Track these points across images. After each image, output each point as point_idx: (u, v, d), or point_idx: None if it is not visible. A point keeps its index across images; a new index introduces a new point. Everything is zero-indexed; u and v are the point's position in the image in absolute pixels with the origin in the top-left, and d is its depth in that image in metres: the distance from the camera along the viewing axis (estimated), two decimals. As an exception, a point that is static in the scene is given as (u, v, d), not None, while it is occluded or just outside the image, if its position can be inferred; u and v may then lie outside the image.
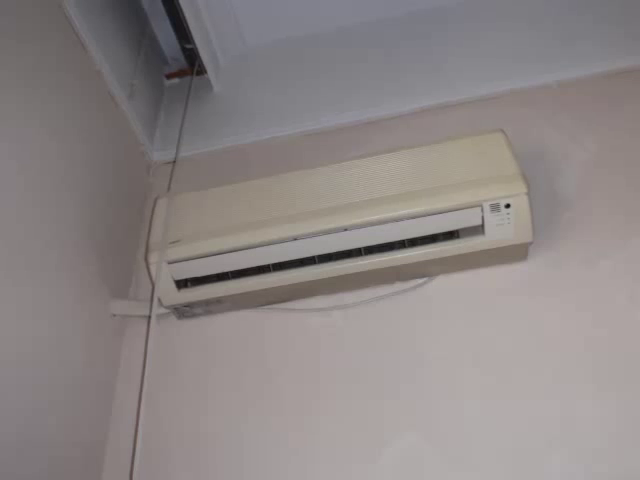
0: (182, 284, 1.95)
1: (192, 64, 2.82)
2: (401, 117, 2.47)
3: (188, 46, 2.76)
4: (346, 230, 1.83)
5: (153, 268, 1.90)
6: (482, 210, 1.79)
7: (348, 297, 2.01)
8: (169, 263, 1.89)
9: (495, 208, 1.78)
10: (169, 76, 2.96)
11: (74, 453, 1.78)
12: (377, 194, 1.85)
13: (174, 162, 2.47)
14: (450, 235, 1.86)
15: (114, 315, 2.05)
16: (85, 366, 1.88)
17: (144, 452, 1.69)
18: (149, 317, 1.93)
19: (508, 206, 1.77)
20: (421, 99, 2.49)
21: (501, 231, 1.81)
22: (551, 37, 2.57)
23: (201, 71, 2.81)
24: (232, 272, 1.92)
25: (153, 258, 1.90)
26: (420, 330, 1.90)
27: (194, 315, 2.05)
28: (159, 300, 1.94)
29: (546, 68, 2.44)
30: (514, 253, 1.91)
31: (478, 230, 1.83)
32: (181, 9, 2.56)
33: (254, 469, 1.78)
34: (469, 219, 1.81)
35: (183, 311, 2.03)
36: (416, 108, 2.47)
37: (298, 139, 2.53)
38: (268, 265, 1.91)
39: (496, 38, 2.65)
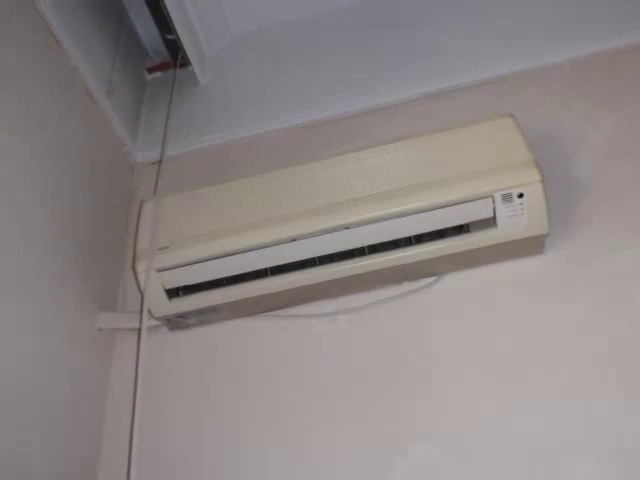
0: (173, 293, 1.94)
1: (175, 56, 2.81)
2: (402, 104, 2.46)
3: (170, 37, 2.75)
4: (347, 228, 1.82)
5: (141, 277, 1.89)
6: (493, 201, 1.78)
7: (353, 300, 2.01)
8: (158, 271, 1.89)
9: (507, 198, 1.77)
10: (151, 69, 2.95)
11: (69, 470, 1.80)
12: (379, 188, 1.84)
13: (160, 162, 2.45)
14: (459, 229, 1.85)
15: (101, 329, 2.04)
16: (73, 383, 1.89)
17: (139, 470, 1.69)
18: (139, 330, 1.93)
19: (521, 196, 1.77)
20: (423, 84, 2.48)
21: (514, 223, 1.81)
22: (560, 12, 2.56)
23: (185, 63, 2.80)
24: (227, 278, 1.92)
25: (141, 266, 1.89)
26: (431, 332, 1.90)
27: (188, 326, 2.05)
28: (149, 311, 1.93)
29: (556, 46, 2.43)
30: (529, 246, 1.91)
31: (490, 223, 1.82)
32: (161, -3, 2.55)
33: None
34: (479, 211, 1.81)
35: (176, 322, 2.02)
36: (418, 94, 2.47)
37: (293, 132, 2.53)
38: (266, 269, 1.90)
39: (501, 16, 2.64)
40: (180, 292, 1.95)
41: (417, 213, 1.80)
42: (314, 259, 1.88)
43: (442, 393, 1.80)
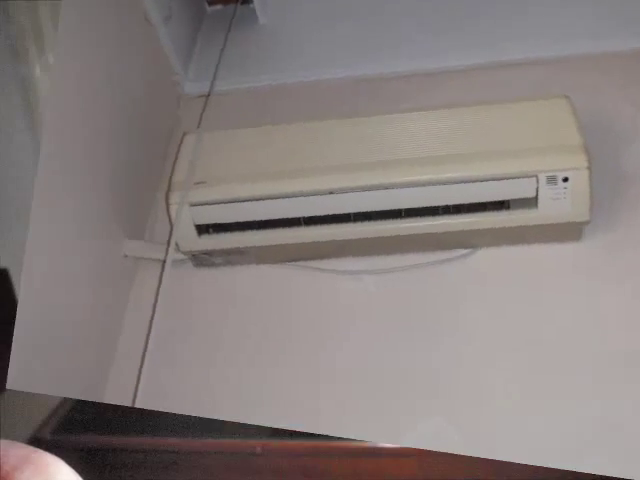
0: (203, 229, 1.95)
1: (239, -10, 2.80)
2: (461, 72, 2.43)
3: (234, -30, 2.74)
4: (387, 189, 1.82)
5: (173, 209, 1.91)
6: (537, 181, 1.78)
7: (382, 262, 2.00)
8: (191, 205, 1.90)
9: (552, 180, 1.76)
10: (212, 2, 2.93)
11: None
12: (425, 152, 1.84)
13: (208, 96, 2.44)
14: (500, 205, 1.85)
15: (126, 256, 2.06)
16: (90, 304, 1.91)
17: (144, 399, 1.72)
18: (164, 261, 1.95)
19: (566, 180, 1.76)
20: (484, 54, 2.45)
21: (556, 206, 1.80)
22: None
23: (247, -1, 2.79)
24: (259, 222, 1.92)
25: (174, 198, 1.91)
26: (459, 305, 1.90)
27: (213, 264, 2.06)
28: (177, 245, 1.95)
29: (623, 33, 2.39)
30: (567, 232, 1.90)
31: (531, 203, 1.82)
32: None
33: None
34: (522, 190, 1.80)
35: (202, 259, 2.04)
36: (477, 63, 2.44)
37: (347, 84, 2.50)
38: (299, 218, 1.90)
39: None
40: (210, 229, 1.96)
41: (459, 183, 1.80)
42: (349, 215, 1.88)
43: (464, 368, 1.80)
